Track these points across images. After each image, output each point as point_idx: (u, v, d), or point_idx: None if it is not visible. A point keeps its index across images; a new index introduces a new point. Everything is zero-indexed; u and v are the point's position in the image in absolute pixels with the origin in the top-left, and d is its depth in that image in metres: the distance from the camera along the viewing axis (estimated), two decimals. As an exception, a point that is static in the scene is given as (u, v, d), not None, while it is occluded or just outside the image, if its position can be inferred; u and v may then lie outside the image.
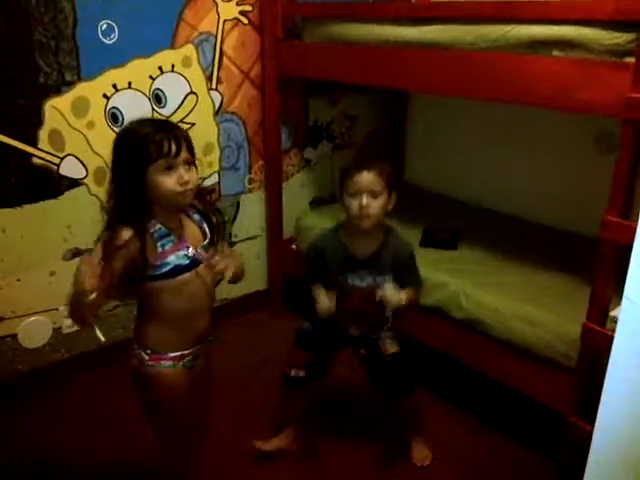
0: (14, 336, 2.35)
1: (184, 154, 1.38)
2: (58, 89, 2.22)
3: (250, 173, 2.89)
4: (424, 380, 2.41)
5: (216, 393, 1.76)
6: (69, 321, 2.46)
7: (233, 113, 2.74)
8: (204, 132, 2.66)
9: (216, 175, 2.77)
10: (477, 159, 3.00)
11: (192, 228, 1.52)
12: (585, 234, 2.54)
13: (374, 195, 1.74)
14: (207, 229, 1.54)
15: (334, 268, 1.84)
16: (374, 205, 1.74)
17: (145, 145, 1.35)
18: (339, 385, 2.31)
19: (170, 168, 1.37)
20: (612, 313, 1.79)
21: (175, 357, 1.50)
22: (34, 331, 2.39)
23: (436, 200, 3.08)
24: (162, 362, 1.50)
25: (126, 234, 1.37)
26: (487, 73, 1.89)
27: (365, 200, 1.72)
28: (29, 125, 2.19)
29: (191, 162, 1.41)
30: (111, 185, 1.42)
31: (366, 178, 1.73)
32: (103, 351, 2.54)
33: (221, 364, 1.75)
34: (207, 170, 2.72)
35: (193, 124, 2.60)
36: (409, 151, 3.38)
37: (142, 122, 1.44)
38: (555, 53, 1.74)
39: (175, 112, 2.54)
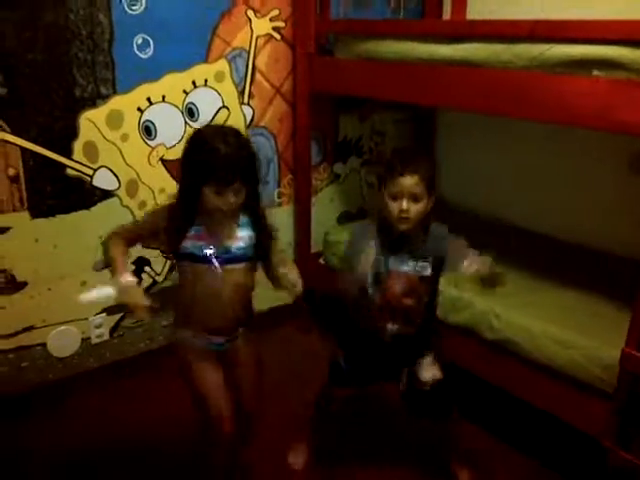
0: (44, 345, 2.37)
1: (236, 184, 1.51)
2: (93, 102, 2.25)
3: (279, 187, 2.90)
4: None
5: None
6: (98, 331, 2.48)
7: (264, 127, 2.76)
8: (235, 146, 2.67)
9: (246, 189, 2.78)
10: (505, 177, 2.98)
11: (231, 231, 1.62)
12: (617, 253, 2.51)
13: (415, 199, 1.69)
14: (249, 237, 1.63)
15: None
16: (414, 209, 1.69)
17: (207, 167, 1.50)
18: (373, 399, 2.27)
19: (220, 192, 1.51)
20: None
21: (197, 335, 1.67)
22: (63, 340, 2.41)
23: (463, 217, 3.04)
24: (185, 335, 1.68)
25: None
26: (523, 92, 1.88)
27: (406, 205, 1.68)
28: (64, 137, 2.23)
29: (241, 190, 1.53)
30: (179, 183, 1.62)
31: (409, 182, 1.68)
32: (132, 362, 2.58)
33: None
34: (237, 184, 2.73)
35: (224, 138, 2.62)
36: (439, 169, 3.35)
37: (216, 133, 1.55)
38: (595, 73, 1.71)
39: (207, 126, 2.56)
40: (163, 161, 2.48)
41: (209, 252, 1.58)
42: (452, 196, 3.24)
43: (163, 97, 2.41)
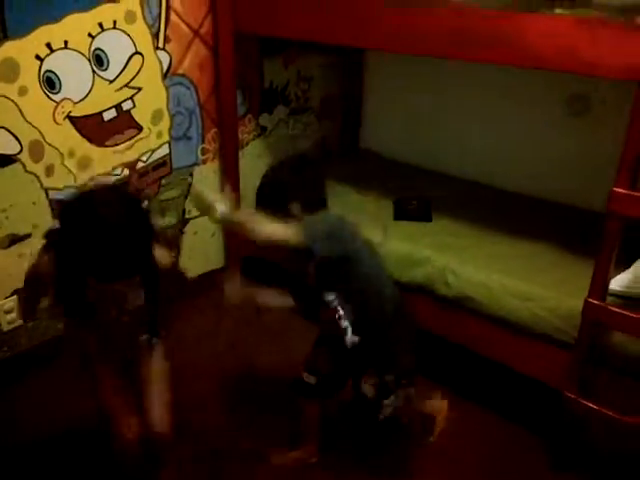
0: (-56, 337, 2.05)
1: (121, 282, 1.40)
2: (-20, 48, 1.89)
3: (203, 142, 2.64)
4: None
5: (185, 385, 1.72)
6: (9, 316, 2.18)
7: (183, 75, 2.46)
8: (152, 97, 2.38)
9: (166, 146, 2.50)
10: (440, 124, 2.88)
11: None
12: (556, 200, 2.51)
13: None
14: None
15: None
16: None
17: (88, 269, 1.35)
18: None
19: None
20: (612, 286, 1.74)
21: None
22: (-32, 330, 2.10)
23: (398, 168, 2.94)
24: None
25: None
26: (477, 32, 1.74)
27: None
28: (-54, 92, 1.86)
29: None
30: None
31: None
32: (45, 348, 2.30)
33: (185, 353, 1.61)
34: (156, 141, 2.45)
35: (140, 89, 2.32)
36: (366, 117, 3.21)
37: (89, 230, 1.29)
38: (558, 11, 1.61)
39: (119, 75, 2.24)
40: (70, 118, 2.16)
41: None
42: (381, 145, 3.12)
43: (65, 43, 2.06)
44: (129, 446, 1.54)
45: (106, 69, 2.20)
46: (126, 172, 2.36)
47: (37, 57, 2.01)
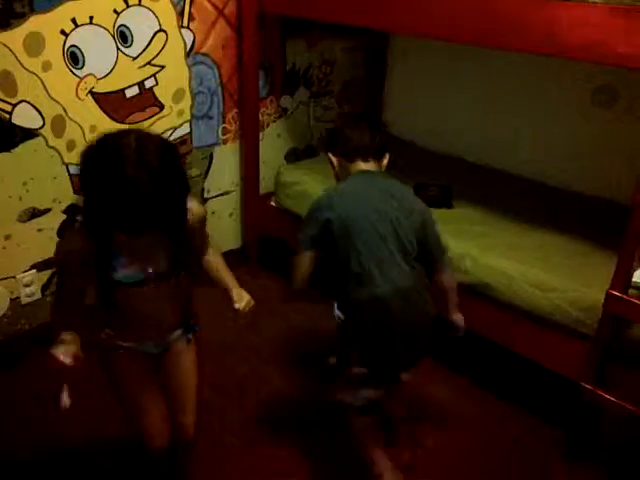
0: (-35, 308, 2.08)
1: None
2: (7, 22, 1.88)
3: (224, 122, 2.63)
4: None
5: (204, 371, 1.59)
6: (28, 290, 2.20)
7: (206, 55, 2.45)
8: (174, 76, 2.37)
9: (187, 125, 2.50)
10: (463, 111, 2.84)
11: (155, 255, 1.32)
12: (580, 191, 2.48)
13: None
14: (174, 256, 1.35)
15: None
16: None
17: (106, 206, 1.13)
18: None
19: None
20: (635, 279, 1.72)
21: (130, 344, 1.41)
22: (-12, 302, 2.12)
23: (420, 154, 2.91)
24: (119, 343, 1.41)
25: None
26: (507, 19, 1.71)
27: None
28: (-27, 65, 1.87)
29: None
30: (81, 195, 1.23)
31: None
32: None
33: (204, 332, 1.57)
34: (178, 119, 2.44)
35: (163, 67, 2.31)
36: (388, 101, 3.18)
37: (119, 160, 1.11)
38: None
39: (142, 52, 2.23)
40: (93, 94, 2.16)
41: (138, 279, 1.31)
42: (403, 131, 3.09)
43: (91, 18, 2.06)
44: (156, 441, 1.48)
45: (130, 46, 2.19)
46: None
47: (62, 32, 2.01)
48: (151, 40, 2.25)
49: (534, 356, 1.92)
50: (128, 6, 2.14)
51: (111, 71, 2.17)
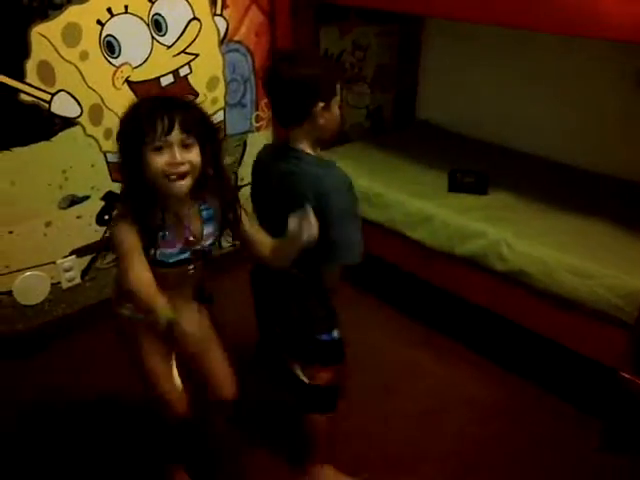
0: (9, 293, 2.14)
1: (177, 134, 1.23)
2: (45, 13, 1.92)
3: (257, 110, 2.64)
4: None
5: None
6: (69, 275, 2.26)
7: (239, 42, 2.46)
8: (208, 64, 2.39)
9: (221, 112, 2.52)
10: (498, 96, 2.79)
11: (198, 229, 1.36)
12: (618, 176, 2.41)
13: None
14: (215, 232, 1.38)
15: None
16: None
17: (138, 121, 1.23)
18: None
19: (161, 148, 1.23)
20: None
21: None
22: (31, 287, 2.18)
23: (455, 140, 2.87)
24: (131, 312, 1.43)
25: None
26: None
27: None
28: (14, 55, 1.90)
29: (189, 144, 1.25)
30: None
31: None
32: (105, 304, 2.37)
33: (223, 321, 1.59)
34: (212, 107, 2.46)
35: (197, 55, 2.33)
36: (423, 87, 3.14)
37: (147, 99, 1.32)
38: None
39: (177, 41, 2.26)
40: (129, 83, 2.19)
41: (182, 258, 1.34)
42: (438, 117, 3.05)
43: (126, 7, 2.08)
44: (176, 408, 1.49)
45: (164, 34, 2.22)
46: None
47: (98, 22, 2.04)
48: (185, 28, 2.27)
49: (571, 344, 1.88)
50: (162, -5, 2.16)
51: (146, 60, 2.20)
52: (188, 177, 1.26)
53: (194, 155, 1.25)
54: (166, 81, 2.29)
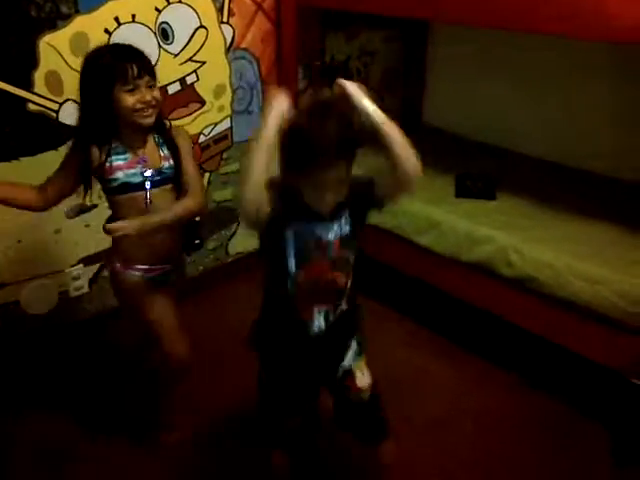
0: (16, 303, 2.14)
1: (146, 77, 1.49)
2: (53, 23, 1.94)
3: (264, 117, 2.64)
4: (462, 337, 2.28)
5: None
6: (77, 283, 2.27)
7: (245, 49, 2.47)
8: (215, 71, 2.40)
9: (228, 120, 2.52)
10: (505, 100, 2.77)
11: (156, 150, 1.60)
12: (628, 180, 2.39)
13: None
14: (166, 153, 1.60)
15: None
16: None
17: (112, 68, 1.47)
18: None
19: (133, 90, 1.47)
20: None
21: (142, 269, 1.63)
22: (38, 296, 2.19)
23: (462, 145, 2.86)
24: (130, 271, 1.63)
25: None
26: (551, 2, 1.66)
27: None
28: (22, 66, 1.92)
29: (153, 85, 1.52)
30: (79, 107, 1.54)
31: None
32: (114, 314, 2.37)
33: (230, 323, 1.69)
34: (218, 115, 2.47)
35: (203, 63, 2.34)
36: (430, 92, 3.13)
37: (109, 47, 1.63)
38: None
39: (184, 49, 2.27)
40: (136, 91, 2.20)
41: (148, 174, 1.56)
42: (445, 121, 3.05)
43: (133, 16, 2.10)
44: (184, 364, 1.69)
45: (171, 43, 2.23)
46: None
47: (106, 31, 2.05)
48: (192, 36, 2.28)
49: (581, 349, 1.87)
50: (169, 3, 2.17)
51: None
52: (155, 110, 1.52)
53: (157, 93, 1.52)
54: (173, 89, 2.29)
